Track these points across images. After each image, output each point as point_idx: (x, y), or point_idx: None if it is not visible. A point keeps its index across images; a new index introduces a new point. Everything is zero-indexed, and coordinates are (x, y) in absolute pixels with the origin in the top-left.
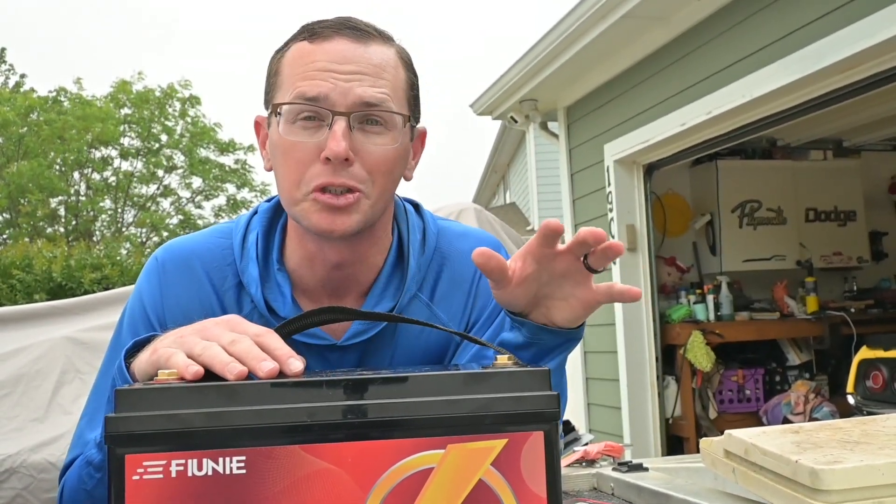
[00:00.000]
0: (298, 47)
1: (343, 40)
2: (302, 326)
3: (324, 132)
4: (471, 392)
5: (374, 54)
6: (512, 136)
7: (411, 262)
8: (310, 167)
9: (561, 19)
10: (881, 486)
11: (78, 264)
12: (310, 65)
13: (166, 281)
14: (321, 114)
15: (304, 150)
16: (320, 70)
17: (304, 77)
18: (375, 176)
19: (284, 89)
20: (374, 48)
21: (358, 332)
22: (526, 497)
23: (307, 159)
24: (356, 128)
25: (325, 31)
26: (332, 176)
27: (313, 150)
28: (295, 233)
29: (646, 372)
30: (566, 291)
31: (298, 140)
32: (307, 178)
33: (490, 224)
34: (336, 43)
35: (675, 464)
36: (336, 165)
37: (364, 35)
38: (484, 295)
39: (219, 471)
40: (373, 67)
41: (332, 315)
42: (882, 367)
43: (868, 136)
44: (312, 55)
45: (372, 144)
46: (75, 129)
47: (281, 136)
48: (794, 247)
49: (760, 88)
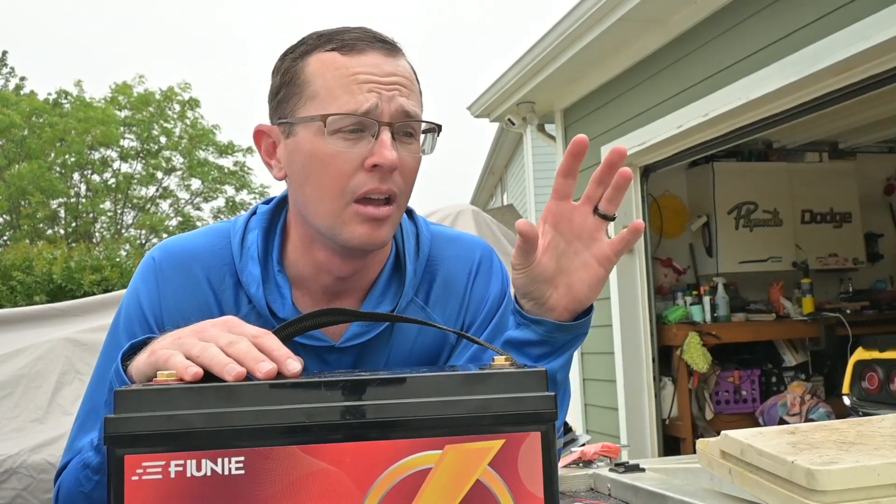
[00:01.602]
0: (330, 58)
1: (377, 54)
2: (301, 329)
3: (365, 142)
4: (468, 393)
5: (404, 68)
6: (509, 138)
7: (409, 267)
8: (353, 176)
9: (558, 22)
10: (877, 486)
11: (78, 266)
12: (351, 78)
13: (163, 280)
14: (367, 124)
15: (348, 159)
16: (364, 83)
17: (348, 90)
18: (408, 184)
19: (321, 100)
20: (402, 62)
21: (356, 334)
22: (523, 497)
23: (350, 170)
24: (396, 138)
25: (358, 44)
26: (378, 183)
27: (357, 160)
28: (302, 241)
29: (642, 373)
30: (583, 256)
31: (340, 150)
32: (352, 187)
33: (487, 226)
34: (371, 56)
35: (672, 464)
36: (384, 173)
37: (393, 49)
38: (477, 300)
39: (217, 471)
40: (406, 80)
41: (332, 317)
42: (878, 369)
43: (864, 138)
44: (351, 67)
45: (408, 154)
46: (75, 130)
47: (320, 147)
48: (790, 248)
49: (757, 91)
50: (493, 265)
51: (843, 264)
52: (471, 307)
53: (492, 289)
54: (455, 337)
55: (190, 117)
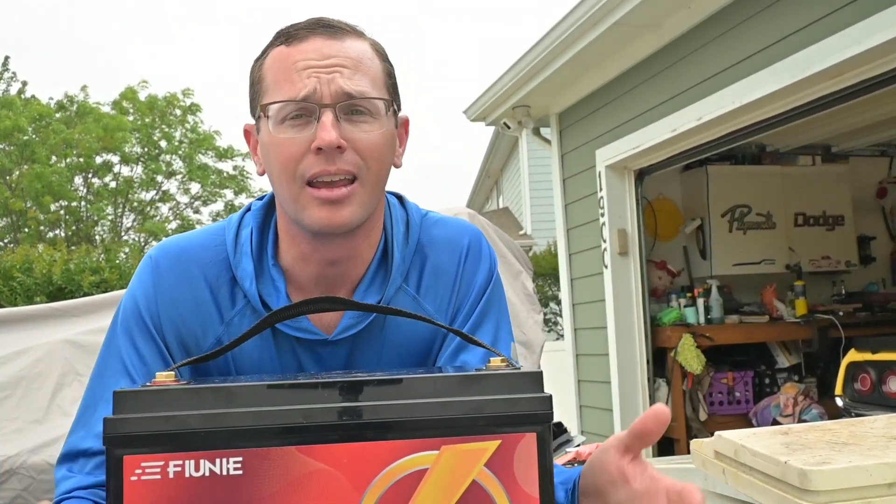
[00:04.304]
0: (277, 52)
1: (318, 38)
2: (295, 314)
3: (312, 127)
4: (464, 394)
5: (350, 48)
6: (505, 142)
7: (395, 254)
8: (302, 160)
9: (553, 26)
10: (869, 486)
11: (77, 268)
12: (291, 66)
13: (160, 279)
14: (308, 109)
15: (295, 144)
16: (302, 69)
17: (288, 79)
18: (369, 161)
19: (270, 93)
20: (349, 42)
21: (348, 326)
22: (519, 498)
23: (298, 154)
24: (343, 118)
25: (301, 33)
26: (325, 164)
27: (304, 144)
28: (287, 233)
29: (637, 374)
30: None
31: (288, 137)
32: (301, 171)
33: (484, 228)
34: (312, 42)
35: (666, 465)
36: (329, 154)
37: (338, 31)
38: (466, 285)
39: (216, 471)
40: (351, 60)
41: (327, 305)
42: (870, 370)
43: (856, 141)
44: (292, 57)
45: (361, 132)
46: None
47: (272, 135)
48: (784, 251)
49: (750, 95)
50: (482, 249)
51: (835, 267)
52: (460, 293)
53: (480, 274)
54: (447, 323)
55: (190, 121)
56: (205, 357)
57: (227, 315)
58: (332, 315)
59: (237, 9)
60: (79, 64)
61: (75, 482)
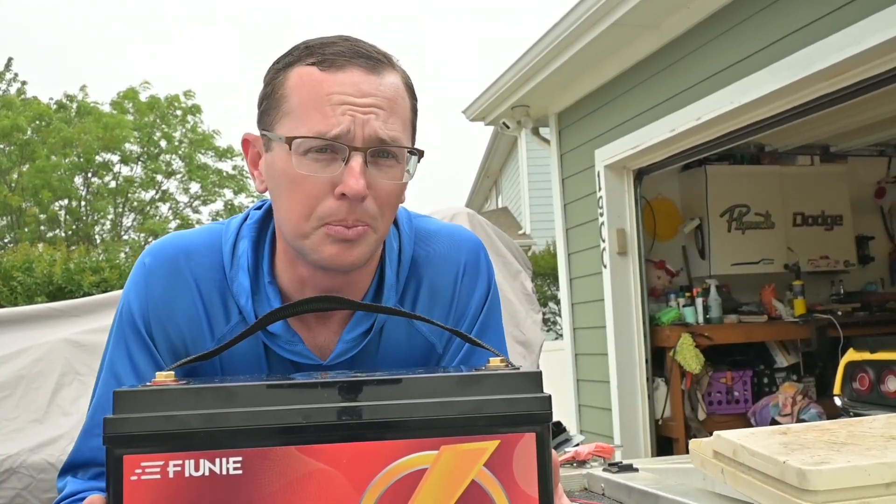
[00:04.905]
0: (307, 73)
1: (357, 71)
2: (295, 312)
3: (336, 166)
4: (464, 394)
5: (387, 87)
6: (504, 142)
7: (387, 273)
8: (322, 201)
9: (553, 26)
10: (867, 486)
11: (77, 267)
12: (325, 97)
13: (151, 285)
14: (337, 148)
15: (316, 184)
16: (338, 104)
17: (320, 110)
18: (385, 210)
19: (295, 117)
20: (386, 78)
21: (342, 351)
22: (518, 497)
23: (319, 194)
24: (370, 160)
25: (338, 60)
26: (346, 213)
27: (326, 186)
28: (286, 255)
29: (636, 374)
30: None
31: (310, 174)
32: (319, 213)
33: (483, 228)
34: (350, 74)
35: (665, 464)
36: (353, 202)
37: (376, 64)
38: (463, 304)
39: (215, 471)
40: (387, 101)
41: (329, 304)
42: (868, 370)
43: (854, 141)
44: (327, 86)
45: (384, 178)
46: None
47: (290, 165)
48: (782, 251)
49: (748, 95)
50: (479, 265)
51: (834, 266)
52: (457, 313)
53: (477, 292)
54: (442, 348)
55: (190, 121)
56: (198, 357)
57: (218, 331)
58: (327, 340)
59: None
60: (79, 64)
61: (78, 485)
